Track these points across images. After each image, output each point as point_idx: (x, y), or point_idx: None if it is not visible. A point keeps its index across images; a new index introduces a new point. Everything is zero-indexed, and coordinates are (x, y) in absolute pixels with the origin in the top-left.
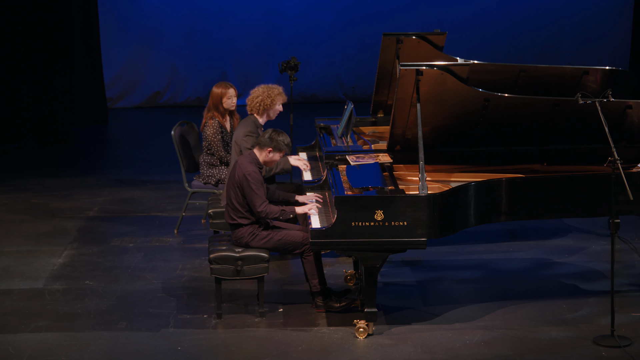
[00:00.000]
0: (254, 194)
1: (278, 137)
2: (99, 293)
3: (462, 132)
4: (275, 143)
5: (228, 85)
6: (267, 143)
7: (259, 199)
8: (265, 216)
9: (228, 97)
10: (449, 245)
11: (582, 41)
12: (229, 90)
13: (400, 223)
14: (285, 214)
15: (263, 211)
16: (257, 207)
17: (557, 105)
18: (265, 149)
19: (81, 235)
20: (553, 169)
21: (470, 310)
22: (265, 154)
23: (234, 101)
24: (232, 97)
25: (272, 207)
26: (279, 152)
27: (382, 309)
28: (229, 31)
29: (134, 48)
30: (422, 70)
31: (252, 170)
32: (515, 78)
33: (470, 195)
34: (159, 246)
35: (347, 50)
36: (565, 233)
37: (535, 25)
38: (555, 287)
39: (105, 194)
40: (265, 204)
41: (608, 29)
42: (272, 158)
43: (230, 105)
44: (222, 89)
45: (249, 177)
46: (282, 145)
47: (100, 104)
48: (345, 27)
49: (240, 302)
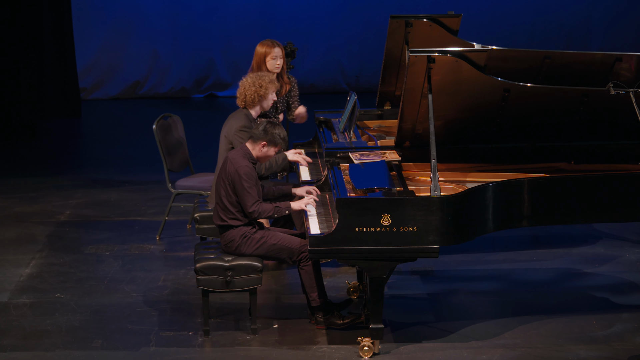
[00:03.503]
0: (246, 192)
1: (273, 130)
2: (71, 307)
3: (479, 126)
4: (270, 136)
5: (274, 44)
6: (261, 136)
7: (251, 197)
8: (257, 216)
9: (273, 57)
10: (464, 253)
11: (615, 22)
12: (275, 50)
13: (409, 229)
14: (280, 211)
15: (255, 211)
16: (248, 207)
17: (586, 96)
18: (259, 142)
19: (51, 243)
20: (581, 168)
21: (488, 326)
22: (259, 148)
23: (280, 62)
24: (278, 58)
25: (264, 206)
26: (274, 146)
27: (389, 324)
28: (218, 12)
29: (110, 31)
30: (434, 57)
31: (244, 165)
32: (539, 65)
33: (489, 198)
34: (138, 254)
35: (350, 34)
36: (595, 240)
37: (561, 5)
38: (584, 300)
39: (79, 195)
40: (257, 203)
41: None
42: (266, 153)
43: (275, 67)
44: (267, 48)
45: (242, 173)
46: (278, 138)
47: (72, 95)
48: (347, 8)
49: (230, 318)
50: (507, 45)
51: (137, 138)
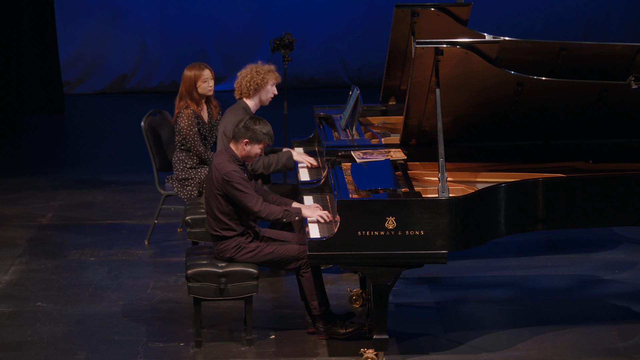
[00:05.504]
0: (242, 194)
1: (254, 126)
2: (53, 317)
3: (490, 123)
4: (251, 132)
5: (202, 66)
6: (242, 133)
7: (251, 198)
8: (265, 216)
9: (203, 80)
10: (474, 259)
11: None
12: (204, 72)
13: (416, 232)
14: (289, 215)
15: (262, 210)
16: (253, 208)
17: (605, 91)
18: (241, 140)
19: (32, 248)
20: (600, 168)
21: (500, 337)
22: (241, 146)
23: (211, 85)
24: (209, 80)
25: (271, 207)
26: (257, 143)
27: (394, 335)
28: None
29: (95, 21)
30: (443, 49)
31: (230, 170)
32: (555, 58)
33: (501, 199)
34: (126, 260)
35: (352, 24)
36: (615, 245)
37: None
38: (603, 309)
39: (62, 197)
40: (261, 202)
41: None
42: (249, 151)
43: (207, 90)
44: (196, 71)
45: (229, 178)
46: (260, 134)
47: (54, 89)
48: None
49: (223, 328)
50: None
51: (124, 135)
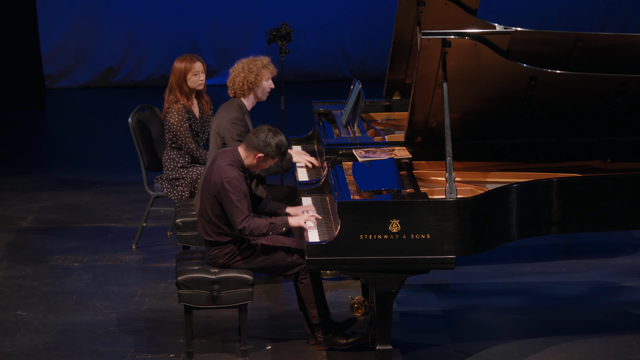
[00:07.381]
0: (233, 206)
1: (274, 141)
2: (35, 326)
3: (501, 119)
4: (270, 149)
5: (194, 58)
6: (259, 146)
7: (241, 213)
8: (249, 233)
9: (194, 73)
10: (484, 264)
11: None
12: (195, 65)
13: (421, 236)
14: (275, 228)
15: (246, 227)
16: (237, 223)
17: (624, 85)
18: (255, 152)
19: (11, 252)
20: (618, 167)
21: (512, 347)
22: (253, 157)
23: (202, 78)
24: (200, 73)
25: (257, 222)
26: (271, 159)
27: (398, 346)
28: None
29: (79, 11)
30: (450, 40)
31: (232, 177)
32: (570, 50)
33: (512, 201)
34: (112, 266)
35: (354, 14)
36: (634, 249)
37: None
38: (621, 318)
39: (44, 198)
40: (247, 219)
41: None
42: (260, 165)
43: (197, 84)
44: (187, 63)
45: (228, 186)
46: (277, 153)
47: (35, 84)
48: None
49: (216, 338)
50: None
51: (111, 133)
